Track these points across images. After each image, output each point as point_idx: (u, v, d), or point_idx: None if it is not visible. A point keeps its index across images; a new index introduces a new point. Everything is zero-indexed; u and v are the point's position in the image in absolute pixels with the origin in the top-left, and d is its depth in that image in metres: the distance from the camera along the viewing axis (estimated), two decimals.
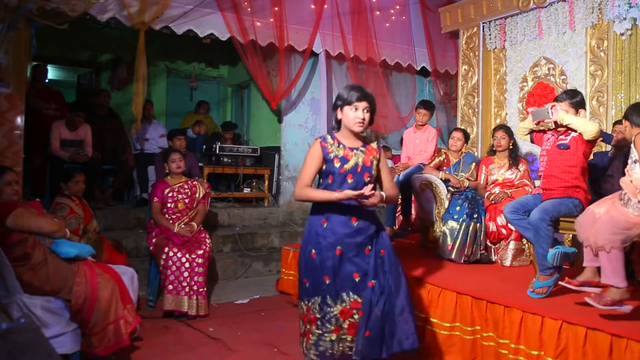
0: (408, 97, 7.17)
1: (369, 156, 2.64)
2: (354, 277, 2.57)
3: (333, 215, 2.58)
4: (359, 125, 2.58)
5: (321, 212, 2.61)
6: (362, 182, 2.59)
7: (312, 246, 2.60)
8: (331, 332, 2.53)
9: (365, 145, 2.68)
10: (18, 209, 2.87)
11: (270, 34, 5.93)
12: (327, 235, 2.57)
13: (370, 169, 2.62)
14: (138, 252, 5.01)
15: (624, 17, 4.47)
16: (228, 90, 8.94)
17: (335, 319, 2.55)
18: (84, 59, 8.12)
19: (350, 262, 2.57)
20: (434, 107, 5.36)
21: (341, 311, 2.55)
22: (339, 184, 2.59)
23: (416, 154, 4.95)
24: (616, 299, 2.61)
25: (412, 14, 6.86)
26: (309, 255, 2.60)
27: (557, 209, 3.19)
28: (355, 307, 2.56)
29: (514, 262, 4.15)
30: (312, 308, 2.59)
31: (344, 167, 2.58)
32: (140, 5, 5.04)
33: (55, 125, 5.43)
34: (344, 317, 2.55)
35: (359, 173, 2.60)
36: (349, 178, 2.58)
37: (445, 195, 4.49)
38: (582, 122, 3.15)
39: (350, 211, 2.58)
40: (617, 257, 2.60)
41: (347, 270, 2.57)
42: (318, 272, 2.57)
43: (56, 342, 2.73)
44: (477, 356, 3.12)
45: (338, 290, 2.56)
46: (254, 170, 6.60)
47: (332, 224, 2.58)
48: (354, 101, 2.57)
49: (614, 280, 2.61)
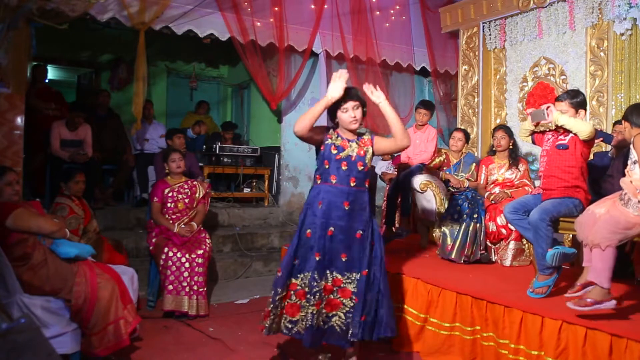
0: (407, 97, 7.16)
1: (362, 148, 2.91)
2: (341, 257, 2.83)
3: (328, 198, 2.83)
4: (353, 124, 2.86)
5: (318, 195, 2.86)
6: (356, 169, 2.87)
7: (308, 226, 2.84)
8: (313, 306, 2.75)
9: (359, 137, 2.95)
10: (18, 209, 2.87)
11: (270, 34, 5.93)
12: (321, 216, 2.81)
13: (363, 158, 2.89)
14: (138, 252, 5.01)
15: (624, 17, 4.47)
16: (228, 90, 8.94)
17: (320, 294, 2.78)
18: (84, 59, 8.11)
19: (340, 243, 2.83)
20: (434, 107, 5.36)
21: (324, 287, 2.81)
22: (335, 169, 2.86)
23: (416, 154, 4.95)
24: (597, 299, 2.61)
25: (412, 14, 6.86)
26: (304, 235, 2.85)
27: (557, 209, 3.19)
28: (337, 285, 2.83)
29: (514, 262, 4.15)
30: (300, 284, 2.82)
31: (339, 155, 2.86)
32: (140, 6, 5.05)
33: (55, 125, 5.43)
34: (326, 293, 2.81)
35: (352, 162, 2.87)
36: (343, 165, 2.85)
37: (445, 196, 4.49)
38: (575, 122, 3.15)
39: (344, 196, 2.84)
40: (610, 257, 2.60)
41: (335, 250, 2.82)
42: (310, 250, 2.81)
43: (56, 342, 2.74)
44: (477, 356, 3.12)
45: (325, 267, 2.81)
46: (254, 170, 6.60)
47: (327, 206, 2.82)
48: (342, 104, 2.83)
49: (600, 278, 2.60)
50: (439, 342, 3.29)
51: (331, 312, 2.82)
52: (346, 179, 2.84)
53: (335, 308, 2.82)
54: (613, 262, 2.61)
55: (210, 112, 8.01)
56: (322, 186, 2.86)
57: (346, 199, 2.83)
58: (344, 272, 2.82)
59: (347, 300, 2.82)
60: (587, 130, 3.11)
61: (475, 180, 4.66)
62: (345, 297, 2.82)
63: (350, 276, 2.83)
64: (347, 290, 2.82)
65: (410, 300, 3.54)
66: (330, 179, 2.85)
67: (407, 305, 3.55)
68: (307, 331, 2.74)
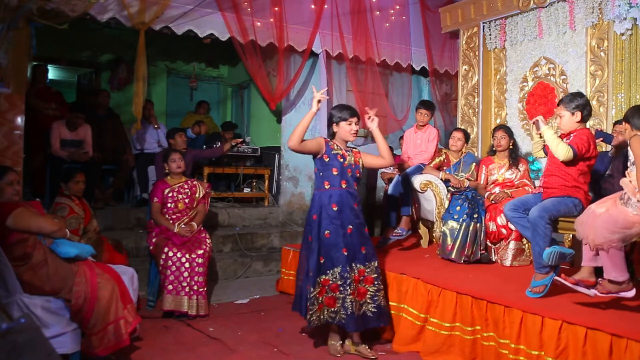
0: (407, 97, 7.16)
1: (356, 157, 3.48)
2: (361, 250, 3.33)
3: (342, 201, 3.30)
4: (353, 136, 3.44)
5: (331, 198, 3.30)
6: (354, 176, 3.42)
7: (326, 227, 3.26)
8: (350, 295, 3.20)
9: (350, 150, 3.48)
10: (18, 209, 2.86)
11: (270, 34, 5.93)
12: (337, 217, 3.27)
13: (358, 166, 3.47)
14: (138, 252, 5.00)
15: (624, 17, 4.47)
16: (228, 90, 8.94)
17: (352, 285, 3.23)
18: (84, 59, 8.10)
19: (358, 238, 3.32)
20: (435, 107, 5.36)
21: (354, 278, 3.26)
22: (341, 175, 3.34)
23: (417, 154, 4.94)
24: (613, 291, 2.70)
25: (412, 14, 6.85)
26: (323, 236, 3.26)
27: (556, 207, 3.20)
28: (362, 275, 3.31)
29: (514, 262, 4.15)
30: (331, 279, 3.22)
31: (345, 163, 3.38)
32: (140, 6, 5.04)
33: (55, 125, 5.43)
34: (356, 283, 3.27)
35: (353, 168, 3.42)
36: (349, 172, 3.38)
37: (445, 195, 4.49)
38: (554, 144, 3.18)
39: (353, 198, 3.37)
40: (616, 254, 2.63)
41: (356, 244, 3.31)
42: (335, 247, 3.24)
43: (56, 342, 2.73)
44: (477, 356, 3.12)
45: (351, 261, 3.26)
46: (254, 170, 6.60)
47: (341, 208, 3.28)
48: (348, 118, 3.40)
49: (613, 274, 2.67)
50: (439, 342, 3.29)
51: (362, 300, 3.29)
52: (352, 183, 3.38)
53: (364, 295, 3.30)
54: (621, 257, 2.66)
55: (210, 112, 8.00)
56: (333, 191, 3.31)
57: (354, 200, 3.38)
58: (365, 262, 3.33)
59: (371, 287, 3.32)
60: (560, 156, 3.15)
61: (475, 180, 4.66)
62: (369, 284, 3.32)
63: (369, 265, 3.34)
64: (370, 277, 3.33)
65: (410, 300, 3.54)
66: (340, 184, 3.34)
67: (407, 305, 3.55)
68: (349, 318, 3.19)
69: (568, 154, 3.12)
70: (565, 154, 3.12)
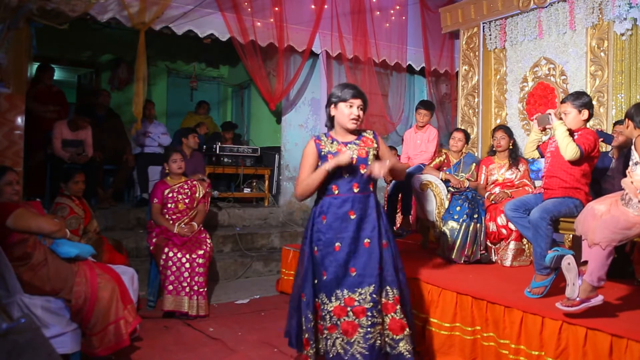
0: (407, 97, 7.16)
1: (363, 148, 2.68)
2: (351, 271, 2.61)
3: (331, 210, 2.63)
4: (353, 123, 2.64)
5: (322, 209, 2.67)
6: (359, 174, 2.64)
7: (337, 241, 2.62)
8: (379, 325, 2.54)
9: (359, 137, 2.72)
10: (18, 209, 2.87)
11: (270, 34, 5.93)
12: (328, 231, 2.63)
13: (365, 160, 2.65)
14: (138, 252, 5.01)
15: (625, 17, 4.47)
16: (228, 90, 8.94)
17: (378, 311, 2.57)
18: (84, 59, 8.11)
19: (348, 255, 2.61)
20: (434, 107, 5.36)
21: (383, 305, 2.60)
22: (336, 177, 2.63)
23: (417, 154, 4.95)
24: (583, 298, 2.63)
25: (412, 15, 6.86)
26: (331, 250, 2.62)
27: (557, 208, 3.19)
28: (350, 304, 2.57)
29: (514, 263, 4.15)
30: (358, 299, 2.54)
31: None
32: (141, 6, 5.04)
33: (57, 125, 5.42)
34: (386, 312, 2.61)
35: (354, 165, 2.63)
36: (344, 172, 2.64)
37: (445, 196, 4.49)
38: (564, 143, 3.15)
39: (353, 204, 2.63)
40: (606, 256, 2.61)
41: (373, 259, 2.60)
42: (342, 266, 2.61)
43: (56, 342, 2.74)
44: (477, 356, 3.12)
45: (334, 288, 2.60)
46: (254, 170, 6.60)
47: (332, 220, 2.64)
48: (349, 98, 2.62)
49: (594, 277, 2.62)
50: (439, 343, 3.29)
51: (397, 336, 2.58)
52: (351, 187, 2.66)
53: (402, 330, 2.59)
54: (608, 262, 2.62)
55: (210, 112, 8.00)
56: (353, 195, 2.65)
57: (353, 207, 2.68)
58: (354, 288, 2.61)
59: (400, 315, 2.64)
60: (567, 156, 3.13)
61: (476, 180, 4.66)
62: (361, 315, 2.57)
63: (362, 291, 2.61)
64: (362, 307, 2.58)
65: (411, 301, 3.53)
66: (353, 187, 2.64)
67: None
68: (371, 350, 2.48)
69: (576, 154, 3.11)
70: (574, 154, 3.11)
